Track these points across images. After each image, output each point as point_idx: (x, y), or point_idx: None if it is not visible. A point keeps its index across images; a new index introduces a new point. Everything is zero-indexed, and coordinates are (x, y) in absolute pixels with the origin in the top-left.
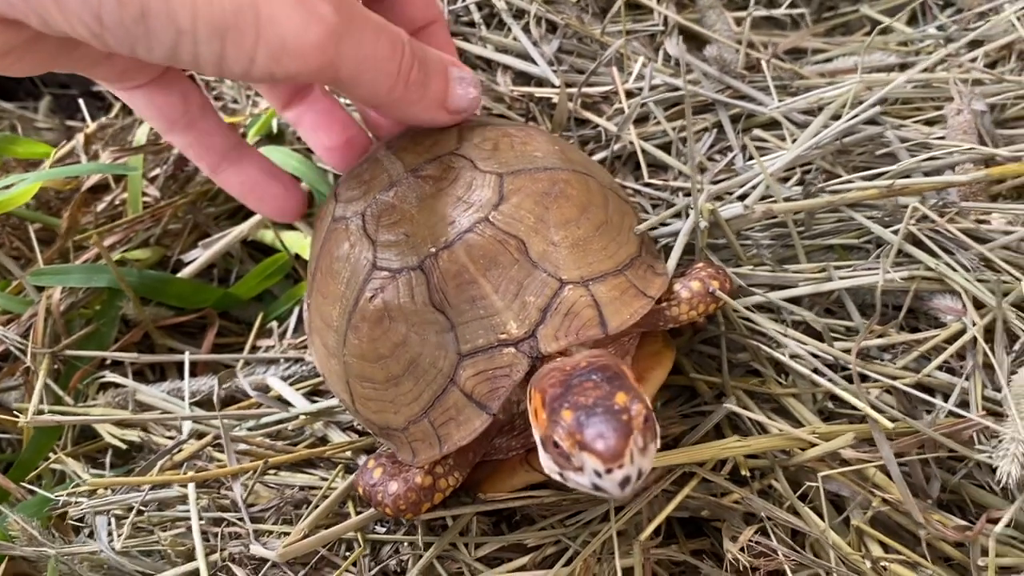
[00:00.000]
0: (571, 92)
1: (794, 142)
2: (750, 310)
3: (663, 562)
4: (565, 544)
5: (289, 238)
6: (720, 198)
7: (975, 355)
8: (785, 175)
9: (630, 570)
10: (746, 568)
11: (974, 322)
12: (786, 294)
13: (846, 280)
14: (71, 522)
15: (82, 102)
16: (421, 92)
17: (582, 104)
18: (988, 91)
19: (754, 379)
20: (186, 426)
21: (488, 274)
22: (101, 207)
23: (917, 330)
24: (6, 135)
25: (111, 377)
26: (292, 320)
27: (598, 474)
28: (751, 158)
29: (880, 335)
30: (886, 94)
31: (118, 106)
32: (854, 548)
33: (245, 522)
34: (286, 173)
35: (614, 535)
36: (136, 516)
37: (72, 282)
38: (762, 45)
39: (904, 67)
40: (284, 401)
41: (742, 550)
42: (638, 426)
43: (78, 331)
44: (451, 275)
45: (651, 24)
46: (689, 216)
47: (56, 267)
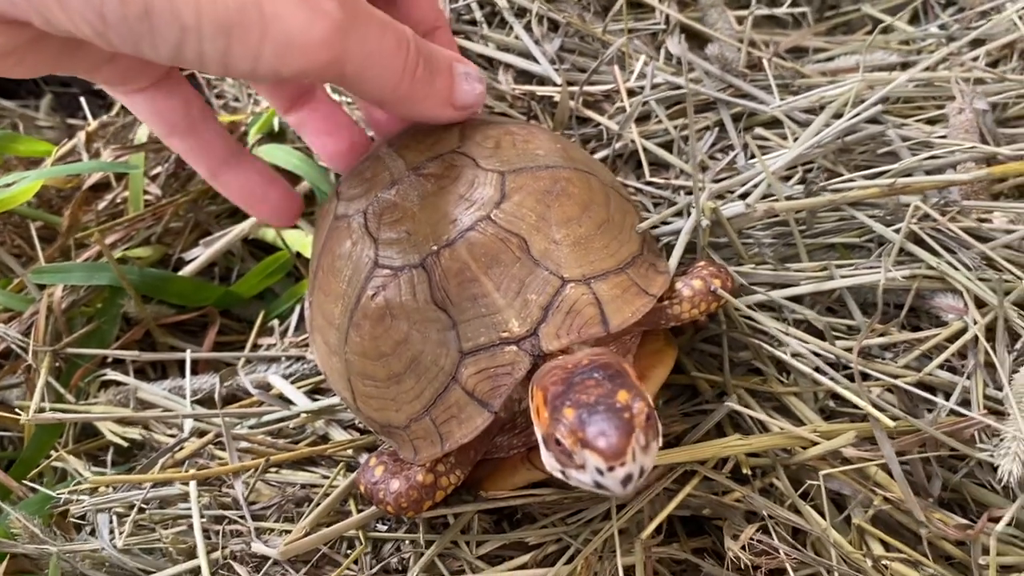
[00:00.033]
0: (573, 91)
1: (796, 141)
2: (752, 308)
3: (664, 560)
4: (566, 542)
5: (290, 236)
6: (722, 197)
7: (976, 354)
8: (787, 174)
9: (631, 568)
10: (747, 566)
11: (975, 321)
12: (788, 293)
13: (848, 279)
14: (72, 520)
15: (83, 100)
16: (427, 88)
17: (584, 103)
18: (990, 90)
19: (755, 377)
20: (187, 424)
21: (490, 272)
22: (102, 205)
23: (918, 329)
24: (7, 133)
25: (112, 375)
26: (293, 318)
27: (600, 472)
28: (753, 157)
29: (882, 334)
30: (888, 93)
31: (119, 104)
32: (855, 547)
33: (246, 520)
34: (283, 179)
35: (615, 533)
36: (138, 514)
37: (73, 280)
38: (764, 44)
39: (906, 66)
40: (285, 399)
41: (743, 548)
42: (640, 424)
43: (79, 329)
44: (453, 273)
45: (653, 23)
46: (691, 215)
47: (57, 265)
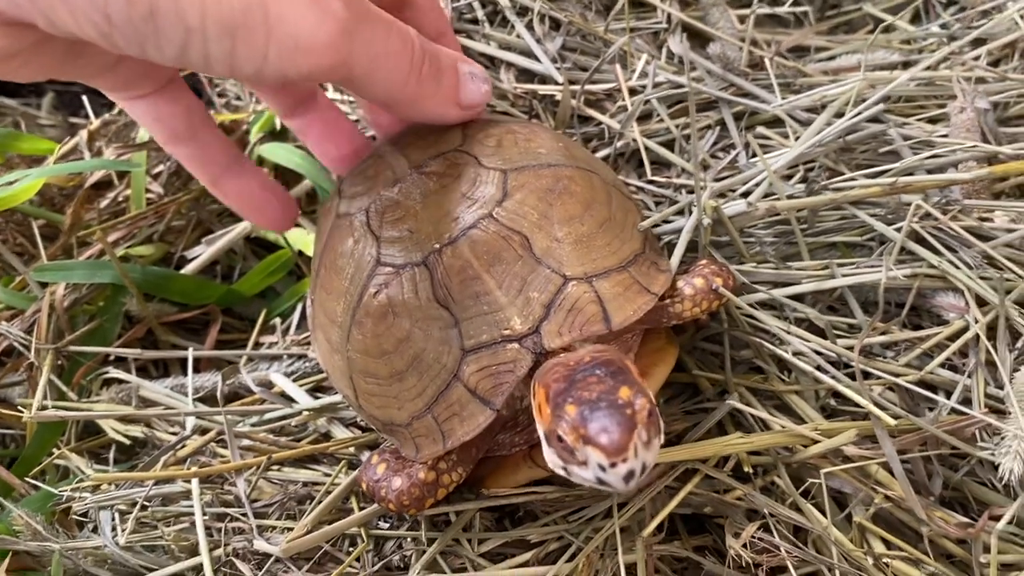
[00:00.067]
0: (574, 89)
1: (797, 140)
2: (753, 307)
3: (666, 558)
4: (568, 540)
5: (292, 235)
6: (723, 195)
7: (977, 352)
8: (788, 172)
9: (633, 566)
10: (748, 564)
11: (976, 319)
12: (789, 291)
13: (849, 277)
14: (75, 517)
15: (85, 99)
16: (434, 88)
17: (585, 101)
18: (991, 89)
19: (757, 376)
20: (189, 422)
21: (492, 270)
22: (104, 203)
23: (920, 327)
24: (10, 131)
25: (114, 373)
26: (295, 316)
27: (602, 468)
28: (754, 155)
29: (883, 332)
30: (889, 92)
31: None
32: (856, 545)
33: (249, 517)
34: (280, 185)
35: (617, 531)
36: (140, 511)
37: (76, 278)
38: (765, 43)
39: (907, 65)
40: (287, 397)
41: (745, 546)
42: (642, 420)
43: (82, 327)
44: (455, 271)
45: (654, 22)
46: (692, 213)
47: (60, 263)
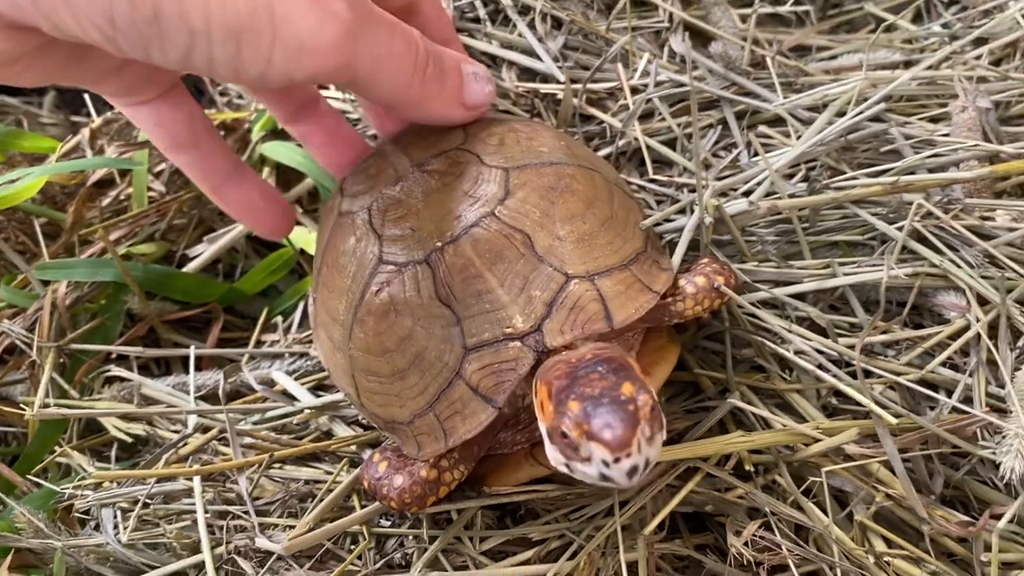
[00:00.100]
0: (576, 88)
1: (799, 139)
2: (755, 306)
3: (667, 556)
4: (569, 538)
5: (294, 233)
6: (725, 194)
7: (979, 351)
8: (790, 172)
9: (634, 564)
10: (750, 563)
11: (978, 318)
12: (791, 290)
13: (850, 276)
14: (77, 515)
15: (87, 97)
16: (438, 88)
17: (587, 100)
18: (993, 88)
19: (758, 375)
20: (191, 420)
21: (494, 268)
22: (106, 202)
23: (921, 326)
24: (12, 129)
25: (116, 371)
26: (297, 315)
27: (606, 464)
28: (756, 154)
29: (884, 331)
30: (891, 91)
31: None
32: (857, 543)
33: (250, 515)
34: (280, 193)
35: (618, 529)
36: (142, 509)
37: (77, 276)
38: (767, 42)
39: (909, 64)
40: (289, 395)
41: (746, 545)
42: (645, 416)
43: (83, 325)
44: (457, 269)
45: (656, 21)
46: (694, 212)
47: (61, 261)
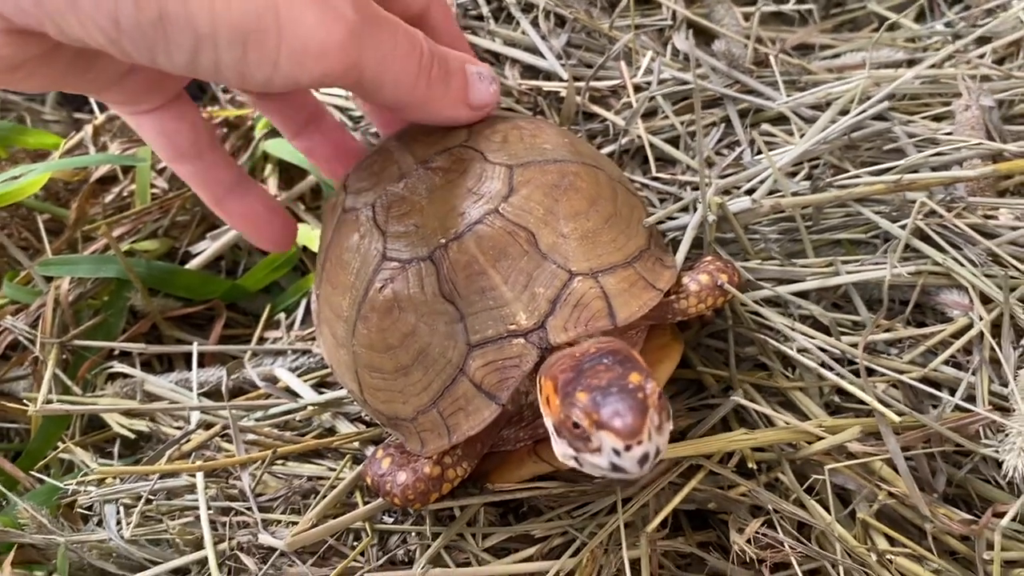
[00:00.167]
0: (579, 86)
1: (802, 137)
2: (758, 304)
3: (670, 554)
4: (572, 535)
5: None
6: (728, 192)
7: (982, 350)
8: (793, 170)
9: (637, 562)
10: (752, 560)
11: (981, 317)
12: (794, 288)
13: (853, 275)
14: (80, 511)
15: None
16: (443, 89)
17: (590, 98)
18: (996, 87)
19: (761, 373)
20: (194, 416)
21: (498, 265)
22: (109, 198)
23: (924, 325)
24: (16, 126)
25: (119, 367)
26: (300, 312)
27: (617, 452)
28: (759, 153)
29: (887, 330)
30: (894, 90)
31: None
32: (860, 541)
33: (253, 511)
34: (281, 206)
35: (621, 526)
36: (145, 505)
37: (80, 273)
38: (770, 40)
39: (912, 63)
40: (292, 392)
41: (749, 542)
42: (653, 403)
43: (86, 321)
44: (461, 266)
45: (659, 19)
46: (697, 210)
47: (64, 258)
